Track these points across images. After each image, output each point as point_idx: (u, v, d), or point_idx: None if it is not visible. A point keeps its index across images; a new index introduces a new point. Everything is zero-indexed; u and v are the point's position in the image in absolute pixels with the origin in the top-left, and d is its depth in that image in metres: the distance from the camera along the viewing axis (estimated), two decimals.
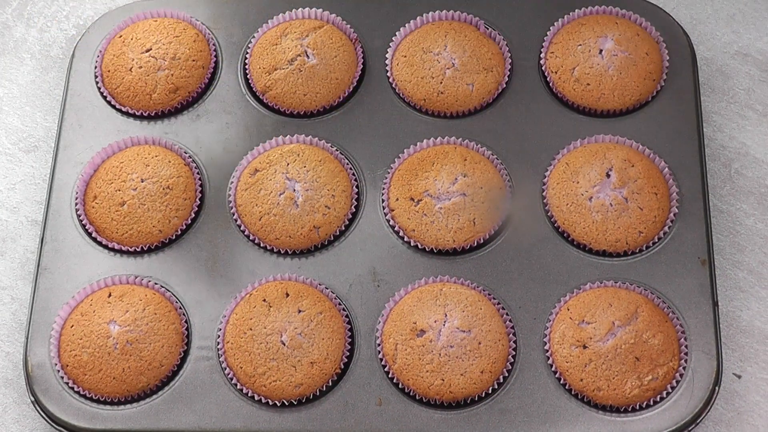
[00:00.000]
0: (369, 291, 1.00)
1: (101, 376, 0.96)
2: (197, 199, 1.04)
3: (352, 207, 1.03)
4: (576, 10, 1.10)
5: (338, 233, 1.02)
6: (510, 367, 0.96)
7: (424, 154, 1.04)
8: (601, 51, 1.07)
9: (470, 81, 1.07)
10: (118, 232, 1.02)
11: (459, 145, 1.05)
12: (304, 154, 1.04)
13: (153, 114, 1.09)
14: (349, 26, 1.11)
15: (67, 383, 0.97)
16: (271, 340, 0.96)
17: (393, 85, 1.09)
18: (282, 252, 1.02)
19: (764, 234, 1.05)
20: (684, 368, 0.95)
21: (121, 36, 1.11)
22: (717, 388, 0.95)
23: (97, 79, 1.11)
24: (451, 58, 1.08)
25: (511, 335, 0.97)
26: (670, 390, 0.94)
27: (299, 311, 0.97)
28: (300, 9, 1.12)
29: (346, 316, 0.99)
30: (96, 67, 1.11)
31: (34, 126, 1.14)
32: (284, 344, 0.96)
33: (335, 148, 1.06)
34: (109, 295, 0.99)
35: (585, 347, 0.95)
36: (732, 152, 1.09)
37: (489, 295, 0.99)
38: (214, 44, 1.12)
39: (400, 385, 0.96)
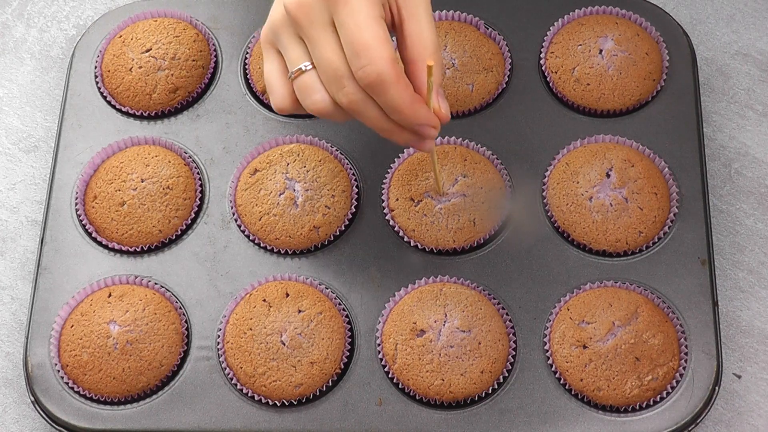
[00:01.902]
0: (369, 291, 1.00)
1: (101, 376, 0.96)
2: (197, 199, 1.04)
3: (352, 207, 1.03)
4: (576, 10, 1.10)
5: (338, 233, 1.02)
6: (510, 367, 0.96)
7: (424, 154, 1.04)
8: (601, 51, 1.07)
9: (470, 81, 1.07)
10: (118, 232, 1.02)
11: (459, 145, 1.04)
12: (304, 154, 1.04)
13: (153, 114, 1.09)
14: None
15: (67, 383, 0.97)
16: (271, 340, 0.96)
17: None
18: (282, 252, 1.02)
19: (764, 234, 1.05)
20: (684, 368, 0.95)
21: (121, 36, 1.11)
22: (717, 388, 0.95)
23: (97, 79, 1.11)
24: (451, 58, 1.08)
25: (511, 335, 0.97)
26: (670, 390, 0.94)
27: (299, 311, 0.97)
28: None
29: (346, 316, 0.99)
30: (96, 67, 1.11)
31: (34, 126, 1.14)
32: (284, 344, 0.96)
33: (335, 148, 1.06)
34: (109, 295, 0.99)
35: (585, 347, 0.95)
36: (732, 152, 1.09)
37: (489, 295, 0.99)
38: (214, 44, 1.12)
39: (400, 385, 0.96)
